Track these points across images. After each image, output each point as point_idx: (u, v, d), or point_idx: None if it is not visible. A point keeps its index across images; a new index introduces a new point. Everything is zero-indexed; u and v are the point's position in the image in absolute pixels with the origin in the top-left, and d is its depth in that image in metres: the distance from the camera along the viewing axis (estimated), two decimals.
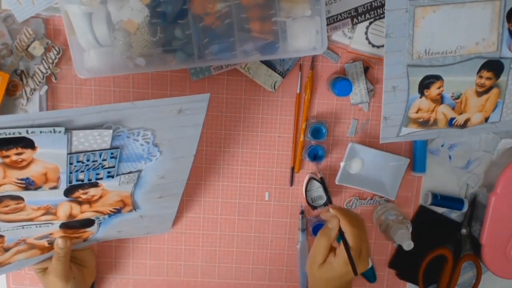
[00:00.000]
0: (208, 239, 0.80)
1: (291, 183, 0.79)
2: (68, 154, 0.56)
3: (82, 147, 0.56)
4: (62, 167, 0.57)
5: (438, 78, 0.70)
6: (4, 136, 0.51)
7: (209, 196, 0.79)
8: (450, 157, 0.78)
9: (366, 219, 0.80)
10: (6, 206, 0.60)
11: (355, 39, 0.72)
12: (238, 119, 0.76)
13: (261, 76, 0.73)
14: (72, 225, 0.68)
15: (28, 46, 0.69)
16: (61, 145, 0.55)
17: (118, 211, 0.69)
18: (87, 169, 0.60)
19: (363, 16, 0.71)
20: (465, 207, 0.79)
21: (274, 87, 0.74)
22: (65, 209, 0.64)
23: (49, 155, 0.55)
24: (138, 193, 0.67)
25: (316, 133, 0.75)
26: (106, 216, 0.69)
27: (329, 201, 0.73)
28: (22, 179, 0.57)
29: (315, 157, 0.76)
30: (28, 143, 0.53)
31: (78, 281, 0.71)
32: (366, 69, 0.74)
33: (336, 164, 0.78)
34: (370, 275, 0.82)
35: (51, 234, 0.68)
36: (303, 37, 0.67)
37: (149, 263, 0.81)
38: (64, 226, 0.67)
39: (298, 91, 0.75)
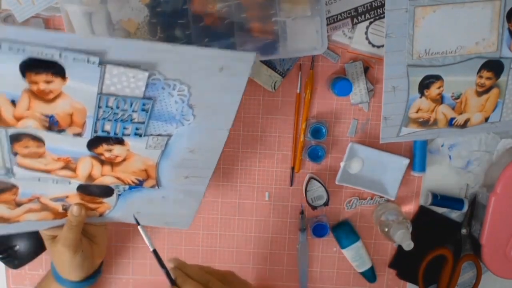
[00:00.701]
0: (208, 239, 0.80)
1: (291, 183, 0.79)
2: (98, 93, 0.53)
3: (114, 89, 0.53)
4: (90, 109, 0.55)
5: (438, 78, 0.70)
6: (35, 55, 0.48)
7: (209, 196, 0.79)
8: (450, 157, 0.78)
9: (366, 219, 0.80)
10: (26, 147, 0.57)
11: (355, 39, 0.72)
12: (238, 119, 0.76)
13: (261, 76, 0.73)
14: (90, 191, 0.65)
15: None
16: (93, 80, 0.52)
17: (140, 183, 0.65)
18: (115, 119, 0.56)
19: (363, 16, 0.71)
20: (465, 207, 0.79)
21: (274, 87, 0.74)
22: (86, 165, 0.61)
23: (79, 90, 0.53)
24: (164, 165, 0.64)
25: (316, 133, 0.75)
26: (127, 187, 0.65)
27: (172, 283, 0.60)
28: (46, 116, 0.54)
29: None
30: (58, 70, 0.50)
31: (86, 255, 0.67)
32: (366, 69, 0.74)
33: (336, 164, 0.78)
34: (370, 275, 0.82)
35: (67, 197, 0.64)
36: (303, 37, 0.67)
37: (149, 263, 0.81)
38: (81, 189, 0.64)
39: (298, 91, 0.75)
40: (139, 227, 0.63)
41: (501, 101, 0.73)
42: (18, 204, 0.63)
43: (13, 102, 0.52)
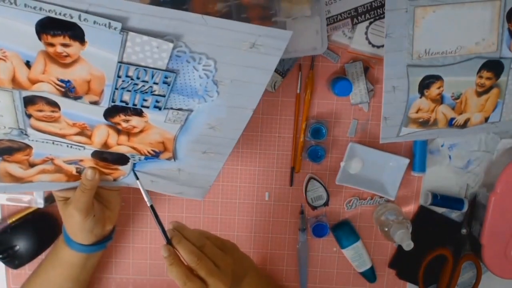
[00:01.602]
0: None
1: (291, 183, 0.79)
2: (118, 62, 0.51)
3: (135, 58, 0.51)
4: (109, 78, 0.52)
5: (438, 78, 0.69)
6: (53, 15, 0.46)
7: (209, 196, 0.79)
8: (450, 157, 0.78)
9: (366, 219, 0.80)
10: (40, 111, 0.54)
11: (355, 39, 0.72)
12: None
13: None
14: (105, 157, 0.63)
15: None
16: (114, 47, 0.49)
17: (156, 154, 0.63)
18: (134, 90, 0.54)
19: (363, 16, 0.71)
20: (465, 207, 0.79)
21: (274, 87, 0.74)
22: (102, 133, 0.59)
23: (98, 57, 0.50)
24: (182, 139, 0.62)
25: (316, 133, 0.75)
26: (143, 158, 0.64)
27: (167, 241, 0.59)
28: (62, 81, 0.52)
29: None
30: (77, 34, 0.48)
31: (97, 220, 0.66)
32: (366, 69, 0.74)
33: (336, 164, 0.78)
34: (370, 275, 0.82)
35: (81, 161, 0.63)
36: (303, 37, 0.67)
37: (149, 263, 0.81)
38: (96, 155, 0.62)
39: (298, 91, 0.75)
40: (137, 181, 0.63)
41: (501, 101, 0.73)
42: (32, 165, 0.61)
43: (28, 64, 0.50)
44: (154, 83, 0.54)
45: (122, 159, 0.64)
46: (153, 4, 0.62)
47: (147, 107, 0.56)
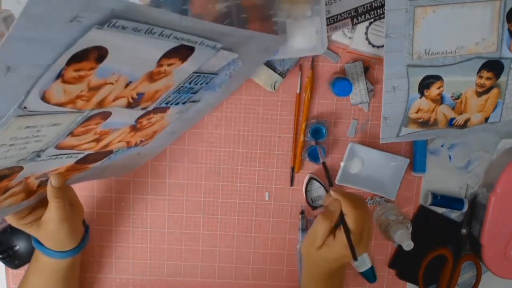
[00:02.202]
0: (208, 239, 0.80)
1: (291, 183, 0.79)
2: (193, 72, 0.52)
3: (204, 68, 0.53)
4: (176, 85, 0.53)
5: (438, 78, 0.69)
6: (185, 42, 0.46)
7: (209, 196, 0.79)
8: (450, 157, 0.78)
9: None
10: (86, 126, 0.51)
11: (355, 39, 0.72)
12: (238, 119, 0.76)
13: (261, 76, 0.73)
14: (88, 160, 0.60)
15: None
16: (201, 61, 0.51)
17: (141, 142, 0.63)
18: (183, 92, 0.55)
19: (363, 16, 0.71)
20: (465, 207, 0.79)
21: (274, 87, 0.74)
22: (116, 134, 0.57)
23: (185, 70, 0.51)
24: (170, 126, 0.63)
25: (316, 133, 0.75)
26: (125, 149, 0.63)
27: (330, 185, 0.67)
28: (139, 93, 0.50)
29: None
30: (185, 54, 0.49)
31: (74, 221, 0.64)
32: (366, 69, 0.74)
33: (336, 164, 0.78)
34: (370, 275, 0.82)
35: (54, 170, 0.59)
36: (303, 37, 0.67)
37: (149, 263, 0.81)
38: (81, 160, 0.59)
39: (298, 91, 0.75)
40: None
41: (501, 101, 0.73)
42: (5, 191, 0.55)
43: (128, 84, 0.48)
44: (200, 84, 0.55)
45: (103, 156, 0.62)
46: (153, 4, 0.62)
47: (177, 104, 0.57)
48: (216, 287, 0.82)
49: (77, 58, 0.39)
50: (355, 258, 0.60)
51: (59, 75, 0.40)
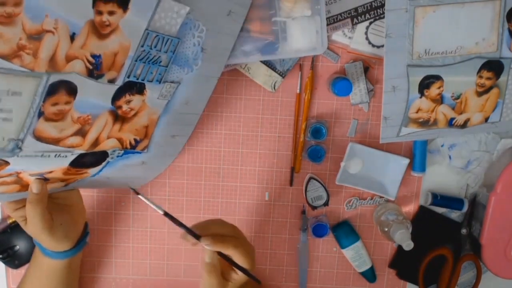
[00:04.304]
0: None
1: (291, 183, 0.79)
2: (145, 29, 0.51)
3: (158, 25, 0.51)
4: (133, 47, 0.51)
5: (438, 78, 0.70)
6: None
7: (209, 196, 0.79)
8: (450, 157, 0.78)
9: (366, 219, 0.80)
10: (55, 104, 0.49)
11: (355, 39, 0.72)
12: (238, 119, 0.76)
13: (261, 76, 0.73)
14: (82, 163, 0.59)
15: None
16: (147, 13, 0.49)
17: (136, 144, 0.62)
18: (148, 61, 0.53)
19: (363, 16, 0.71)
20: (465, 207, 0.79)
21: (274, 87, 0.74)
22: (100, 125, 0.55)
23: (131, 25, 0.49)
24: (162, 121, 0.62)
25: (316, 133, 0.75)
26: (122, 152, 0.61)
27: (195, 236, 0.59)
28: (94, 56, 0.49)
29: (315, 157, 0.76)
30: (125, 1, 0.47)
31: (67, 225, 0.63)
32: (366, 69, 0.74)
33: (336, 164, 0.78)
34: (370, 275, 0.82)
35: (50, 172, 0.58)
36: (303, 37, 0.67)
37: (149, 263, 0.81)
38: (74, 163, 0.58)
39: (298, 91, 0.75)
40: (140, 196, 0.61)
41: (501, 101, 0.73)
42: None
43: (72, 37, 0.47)
44: (164, 51, 0.53)
45: (99, 159, 0.61)
46: None
47: (151, 81, 0.56)
48: None
49: None
50: (259, 282, 0.61)
51: None
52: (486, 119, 0.74)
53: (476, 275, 0.82)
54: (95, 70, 0.50)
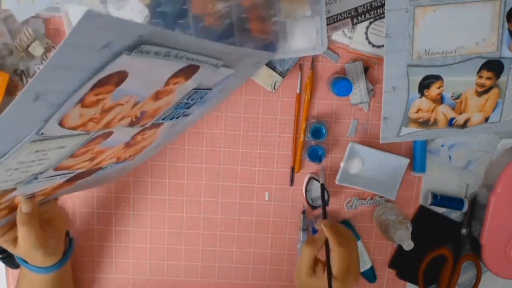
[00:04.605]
0: (208, 239, 0.80)
1: (291, 183, 0.79)
2: (193, 89, 0.53)
3: (203, 84, 0.54)
4: (176, 101, 0.53)
5: (438, 78, 0.70)
6: (194, 62, 0.47)
7: (209, 196, 0.79)
8: (450, 157, 0.78)
9: (366, 219, 0.80)
10: (87, 147, 0.50)
11: (355, 39, 0.72)
12: (238, 119, 0.76)
13: (261, 76, 0.73)
14: (77, 177, 0.59)
15: (28, 46, 0.69)
16: (202, 78, 0.51)
17: (128, 158, 0.63)
18: (180, 107, 0.55)
19: (363, 16, 0.71)
20: (465, 207, 0.79)
21: (274, 87, 0.74)
22: (111, 152, 0.56)
23: (185, 87, 0.51)
24: (160, 139, 0.63)
25: (316, 133, 0.75)
26: (114, 164, 0.62)
27: (324, 217, 0.66)
28: (142, 112, 0.50)
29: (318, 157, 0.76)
30: (190, 72, 0.49)
31: (57, 237, 0.63)
32: (366, 69, 0.74)
33: (336, 164, 0.78)
34: (370, 275, 0.82)
35: (44, 189, 0.57)
36: (303, 37, 0.67)
37: (149, 263, 0.81)
38: (71, 179, 0.58)
39: (298, 91, 0.75)
40: None
41: (501, 101, 0.73)
42: None
43: (135, 104, 0.48)
44: (196, 99, 0.56)
45: (93, 172, 0.61)
46: (153, 4, 0.62)
47: (171, 119, 0.57)
48: (216, 287, 0.82)
49: (101, 83, 0.39)
50: None
51: (81, 100, 0.40)
52: (486, 119, 0.74)
53: (476, 275, 0.82)
54: (136, 122, 0.51)
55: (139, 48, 0.38)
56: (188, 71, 0.49)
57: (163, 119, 0.57)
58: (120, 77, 0.41)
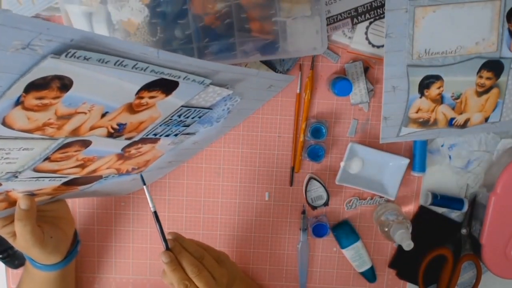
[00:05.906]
0: (208, 239, 0.80)
1: (291, 183, 0.79)
2: (181, 106, 0.51)
3: (195, 102, 0.52)
4: (163, 117, 0.51)
5: (438, 78, 0.70)
6: (166, 77, 0.45)
7: (209, 196, 0.79)
8: (450, 157, 0.78)
9: (366, 219, 0.80)
10: (64, 153, 0.49)
11: (355, 39, 0.72)
12: None
13: None
14: (76, 182, 0.59)
15: None
16: (189, 96, 0.49)
17: (133, 170, 0.62)
18: (171, 124, 0.54)
19: (363, 16, 0.71)
20: (465, 207, 0.79)
21: None
22: (102, 161, 0.55)
23: (169, 103, 0.50)
24: (166, 155, 0.61)
25: (316, 133, 0.75)
26: (116, 175, 0.62)
27: (166, 247, 0.59)
28: (119, 124, 0.49)
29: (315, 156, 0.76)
30: (169, 88, 0.47)
31: (57, 237, 0.63)
32: (366, 69, 0.74)
33: (336, 164, 0.78)
34: (370, 275, 0.82)
35: (40, 189, 0.58)
36: (303, 37, 0.67)
37: (149, 263, 0.81)
38: (68, 183, 0.58)
39: (298, 91, 0.75)
40: (144, 187, 0.60)
41: (501, 101, 0.73)
42: None
43: (104, 115, 0.47)
44: (192, 117, 0.54)
45: (93, 180, 0.61)
46: (153, 4, 0.62)
47: (168, 136, 0.56)
48: None
49: (36, 86, 0.39)
50: None
51: (18, 102, 0.39)
52: (486, 119, 0.74)
53: (476, 275, 0.82)
54: (116, 133, 0.50)
55: (70, 53, 0.37)
56: (165, 86, 0.47)
57: (155, 135, 0.56)
58: (62, 82, 0.40)
